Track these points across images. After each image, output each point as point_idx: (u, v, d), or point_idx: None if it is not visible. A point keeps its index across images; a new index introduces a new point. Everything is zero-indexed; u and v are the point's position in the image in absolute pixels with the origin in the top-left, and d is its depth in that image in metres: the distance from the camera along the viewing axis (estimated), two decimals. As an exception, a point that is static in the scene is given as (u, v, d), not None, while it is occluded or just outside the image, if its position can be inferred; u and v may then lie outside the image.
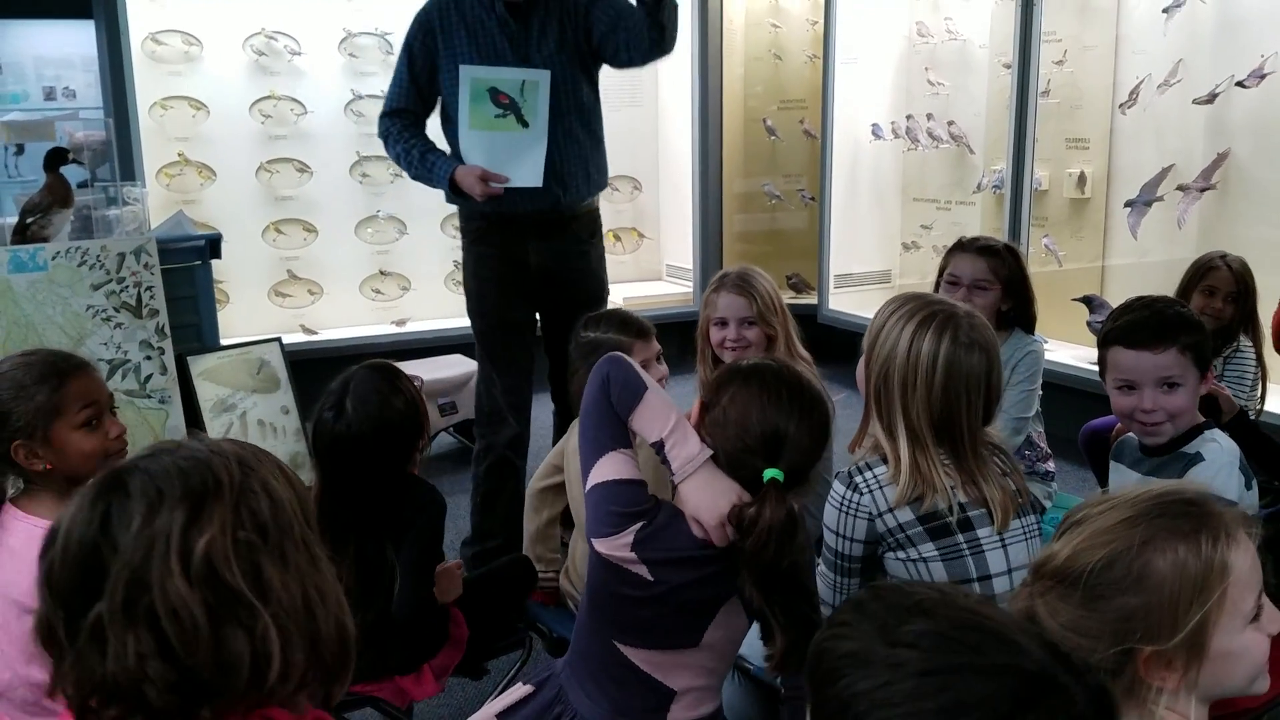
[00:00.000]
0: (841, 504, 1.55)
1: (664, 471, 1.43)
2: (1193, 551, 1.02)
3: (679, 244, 5.41)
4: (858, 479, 1.55)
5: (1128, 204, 4.00)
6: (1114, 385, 1.79)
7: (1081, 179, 4.22)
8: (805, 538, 1.38)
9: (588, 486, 1.44)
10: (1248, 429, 2.20)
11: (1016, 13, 4.01)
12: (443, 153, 2.76)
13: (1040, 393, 2.52)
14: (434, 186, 2.76)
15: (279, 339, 3.83)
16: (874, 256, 5.19)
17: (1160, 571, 1.02)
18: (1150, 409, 1.74)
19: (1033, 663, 0.77)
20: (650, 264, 5.54)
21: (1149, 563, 1.02)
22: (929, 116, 4.86)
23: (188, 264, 3.63)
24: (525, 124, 2.65)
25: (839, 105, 5.02)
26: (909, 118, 4.97)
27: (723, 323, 2.36)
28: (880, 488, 1.53)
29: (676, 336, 2.72)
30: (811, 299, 5.22)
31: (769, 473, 1.34)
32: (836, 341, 4.38)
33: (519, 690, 1.55)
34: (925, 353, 1.51)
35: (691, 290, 5.22)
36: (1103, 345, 1.83)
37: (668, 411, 1.43)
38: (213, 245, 3.73)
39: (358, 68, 4.65)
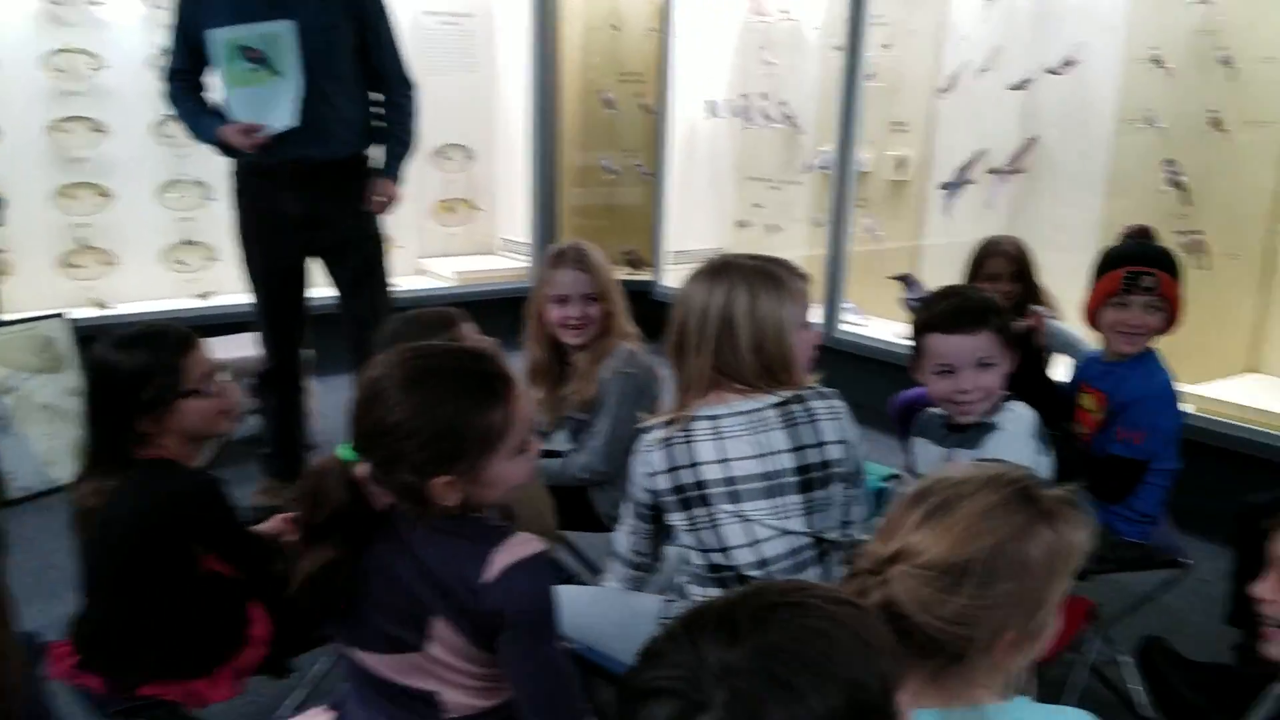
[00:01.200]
0: (638, 454, 1.70)
1: None
2: (1057, 533, 1.06)
3: (514, 217, 5.28)
4: (644, 438, 1.68)
5: (943, 186, 4.16)
6: (933, 370, 1.89)
7: (901, 161, 4.35)
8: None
9: None
10: (1037, 361, 2.30)
11: (847, -5, 4.07)
12: (211, 112, 2.87)
13: None
14: (207, 144, 2.90)
15: (62, 314, 3.54)
16: (709, 234, 5.22)
17: (1035, 556, 1.04)
18: (968, 389, 1.85)
19: None
20: (483, 237, 5.40)
21: (1028, 548, 1.04)
22: (764, 96, 4.92)
23: (-41, 230, 3.28)
24: (278, 73, 2.77)
25: (677, 80, 5.00)
26: (744, 96, 5.01)
27: (563, 300, 2.29)
28: (652, 450, 1.66)
29: (512, 312, 2.61)
30: (647, 275, 5.22)
31: (340, 447, 1.28)
32: (671, 318, 4.37)
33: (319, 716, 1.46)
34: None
35: (528, 265, 5.11)
36: (920, 334, 1.92)
37: None
38: (-10, 209, 3.40)
39: (164, 19, 4.25)
